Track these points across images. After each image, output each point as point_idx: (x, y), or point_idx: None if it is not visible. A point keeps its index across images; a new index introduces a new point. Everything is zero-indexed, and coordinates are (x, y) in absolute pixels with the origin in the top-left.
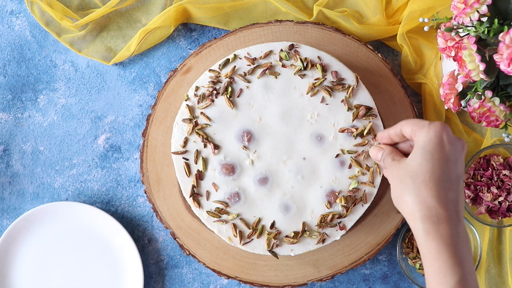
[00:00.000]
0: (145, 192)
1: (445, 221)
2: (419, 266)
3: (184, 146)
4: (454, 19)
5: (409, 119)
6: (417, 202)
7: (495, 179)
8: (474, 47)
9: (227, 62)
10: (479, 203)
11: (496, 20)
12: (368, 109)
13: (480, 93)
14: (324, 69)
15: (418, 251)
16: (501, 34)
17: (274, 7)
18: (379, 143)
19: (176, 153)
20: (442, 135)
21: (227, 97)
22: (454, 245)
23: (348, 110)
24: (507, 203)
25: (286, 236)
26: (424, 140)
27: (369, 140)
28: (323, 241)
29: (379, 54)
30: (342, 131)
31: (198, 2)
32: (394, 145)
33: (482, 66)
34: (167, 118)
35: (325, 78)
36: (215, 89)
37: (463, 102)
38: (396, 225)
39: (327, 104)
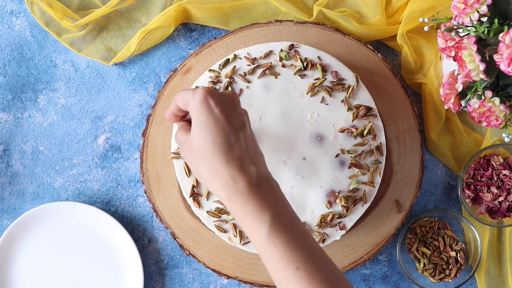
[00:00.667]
0: (145, 192)
1: (240, 178)
2: (423, 266)
3: None
4: (454, 19)
5: (180, 91)
6: (212, 174)
7: (495, 179)
8: (474, 47)
9: (227, 62)
10: (479, 203)
11: (496, 20)
12: (368, 109)
13: (480, 93)
14: (324, 69)
15: (422, 245)
16: (501, 34)
17: (274, 7)
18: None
19: (176, 153)
20: (208, 100)
21: None
22: (253, 195)
23: (348, 110)
24: (507, 203)
25: None
26: (194, 112)
27: (369, 140)
28: (323, 241)
29: (379, 54)
30: (342, 131)
31: (198, 2)
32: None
33: (482, 66)
34: None
35: (325, 78)
36: (215, 89)
37: (463, 102)
38: (396, 225)
39: (327, 104)
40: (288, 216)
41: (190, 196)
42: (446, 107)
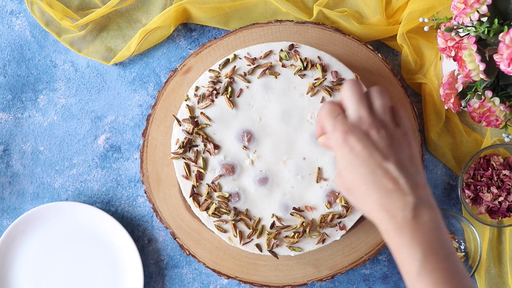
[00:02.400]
0: (145, 192)
1: (395, 211)
2: None
3: (184, 146)
4: (454, 19)
5: (321, 111)
6: (369, 210)
7: (495, 179)
8: (474, 47)
9: (227, 62)
10: (479, 203)
11: (496, 20)
12: None
13: (480, 93)
14: (324, 69)
15: None
16: (501, 34)
17: (274, 7)
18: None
19: (176, 153)
20: (349, 143)
21: (227, 97)
22: (407, 232)
23: None
24: (507, 203)
25: (286, 236)
26: (337, 152)
27: None
28: (323, 241)
29: (379, 54)
30: None
31: (198, 2)
32: None
33: (482, 66)
34: (167, 118)
35: (325, 78)
36: (215, 89)
37: (463, 102)
38: None
39: None
40: (441, 252)
41: (190, 196)
42: (446, 107)
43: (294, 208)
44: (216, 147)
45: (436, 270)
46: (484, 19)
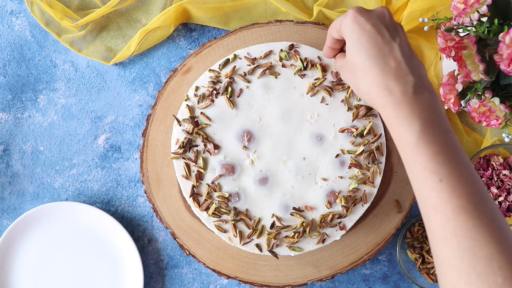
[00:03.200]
0: (145, 192)
1: (395, 88)
2: (423, 266)
3: (184, 146)
4: (454, 19)
5: (332, 23)
6: (369, 87)
7: (495, 179)
8: (474, 47)
9: (227, 62)
10: None
11: (496, 20)
12: (368, 109)
13: (480, 93)
14: (324, 69)
15: (423, 251)
16: (501, 34)
17: (274, 7)
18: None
19: (176, 153)
20: (358, 18)
21: (227, 97)
22: (406, 105)
23: (348, 110)
24: (507, 203)
25: (286, 236)
26: (347, 31)
27: (369, 140)
28: (323, 241)
29: None
30: (342, 131)
31: (198, 2)
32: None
33: (482, 66)
34: (167, 118)
35: (325, 78)
36: (215, 89)
37: (463, 102)
38: (396, 225)
39: (327, 104)
40: (440, 127)
41: (190, 196)
42: (446, 107)
43: (294, 208)
44: (216, 147)
45: (434, 141)
46: (484, 19)
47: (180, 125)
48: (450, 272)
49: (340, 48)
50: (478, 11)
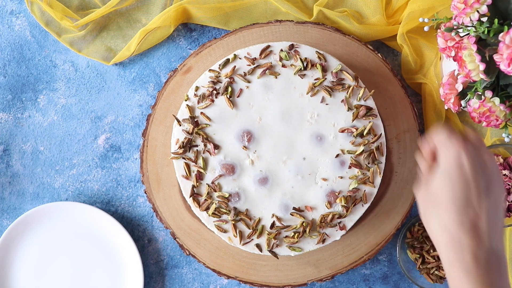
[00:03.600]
0: (145, 192)
1: (467, 247)
2: (423, 266)
3: (184, 146)
4: (454, 19)
5: (435, 132)
6: (440, 229)
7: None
8: (474, 47)
9: (227, 62)
10: None
11: (496, 20)
12: (368, 109)
13: (480, 93)
14: (324, 69)
15: (423, 250)
16: (501, 34)
17: (274, 7)
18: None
19: (176, 153)
20: (461, 159)
21: (227, 97)
22: (477, 272)
23: (348, 110)
24: (507, 203)
25: (286, 236)
26: (444, 161)
27: (369, 140)
28: (323, 241)
29: (379, 54)
30: (342, 131)
31: (198, 2)
32: None
33: (482, 66)
34: (167, 118)
35: (325, 78)
36: (215, 89)
37: (463, 102)
38: (396, 225)
39: (327, 104)
40: None
41: (190, 196)
42: (446, 107)
43: (294, 208)
44: (216, 147)
45: None
46: (484, 19)
47: (180, 125)
48: None
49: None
50: (478, 11)
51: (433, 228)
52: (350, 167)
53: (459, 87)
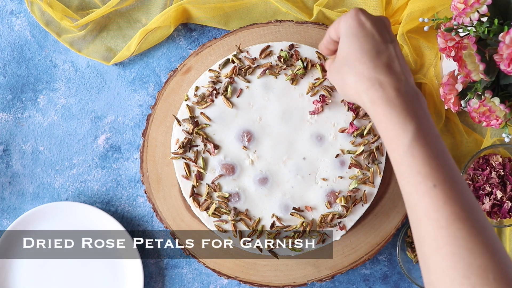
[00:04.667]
0: (145, 192)
1: (387, 84)
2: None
3: (184, 146)
4: (454, 19)
5: (333, 22)
6: (357, 79)
7: (495, 179)
8: (474, 47)
9: (227, 62)
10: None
11: (496, 20)
12: None
13: (480, 93)
14: (324, 69)
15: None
16: (501, 34)
17: (274, 7)
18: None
19: (176, 153)
20: (358, 16)
21: (226, 97)
22: (400, 103)
23: (348, 110)
24: (510, 204)
25: (286, 236)
26: (344, 27)
27: (369, 140)
28: (323, 241)
29: None
30: (342, 131)
31: (198, 2)
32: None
33: (482, 66)
34: (167, 118)
35: (325, 78)
36: (215, 89)
37: (463, 102)
38: (396, 225)
39: (327, 104)
40: (432, 131)
41: (190, 196)
42: (446, 107)
43: (294, 208)
44: (216, 147)
45: (428, 145)
46: (484, 19)
47: (180, 125)
48: (442, 282)
49: (335, 50)
50: (478, 11)
51: (349, 81)
52: (350, 167)
53: (459, 87)
